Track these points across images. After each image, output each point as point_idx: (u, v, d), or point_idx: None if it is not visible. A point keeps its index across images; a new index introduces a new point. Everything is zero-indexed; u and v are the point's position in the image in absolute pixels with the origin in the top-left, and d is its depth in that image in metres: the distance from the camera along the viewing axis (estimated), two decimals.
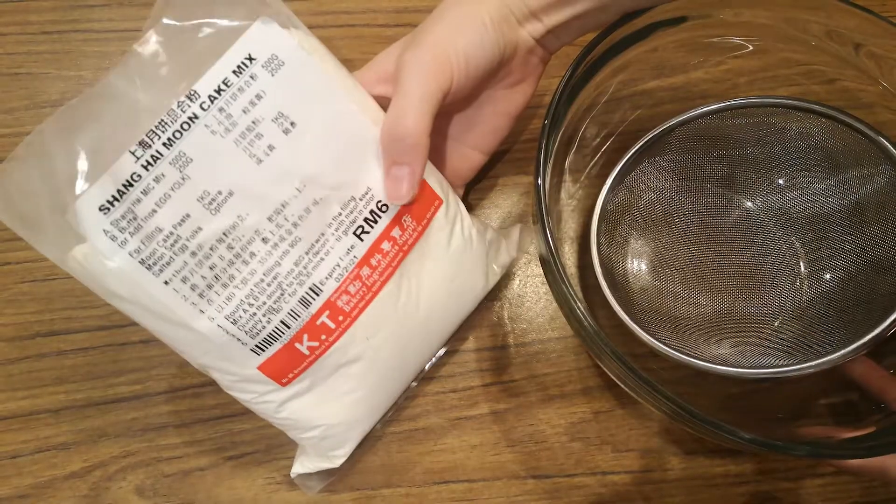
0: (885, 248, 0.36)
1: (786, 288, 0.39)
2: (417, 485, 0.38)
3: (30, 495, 0.37)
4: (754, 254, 0.40)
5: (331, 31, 0.33)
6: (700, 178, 0.40)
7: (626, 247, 0.40)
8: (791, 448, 0.28)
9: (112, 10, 0.45)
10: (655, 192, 0.40)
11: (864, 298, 0.36)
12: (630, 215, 0.40)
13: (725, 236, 0.40)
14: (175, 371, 0.39)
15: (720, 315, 0.39)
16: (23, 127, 0.42)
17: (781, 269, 0.39)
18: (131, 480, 0.37)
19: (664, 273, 0.39)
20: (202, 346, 0.29)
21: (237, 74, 0.27)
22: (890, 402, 0.33)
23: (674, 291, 0.39)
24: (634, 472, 0.38)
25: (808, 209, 0.39)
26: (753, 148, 0.39)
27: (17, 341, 0.39)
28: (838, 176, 0.38)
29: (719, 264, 0.40)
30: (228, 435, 0.38)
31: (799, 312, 0.38)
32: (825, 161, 0.38)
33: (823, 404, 0.36)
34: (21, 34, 0.44)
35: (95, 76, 0.43)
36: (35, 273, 0.40)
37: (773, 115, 0.37)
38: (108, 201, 0.26)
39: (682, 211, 0.40)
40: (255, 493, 0.37)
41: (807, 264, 0.39)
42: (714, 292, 0.39)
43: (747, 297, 0.39)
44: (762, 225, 0.40)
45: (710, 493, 0.38)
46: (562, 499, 0.38)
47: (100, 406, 0.38)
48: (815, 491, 0.38)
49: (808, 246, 0.39)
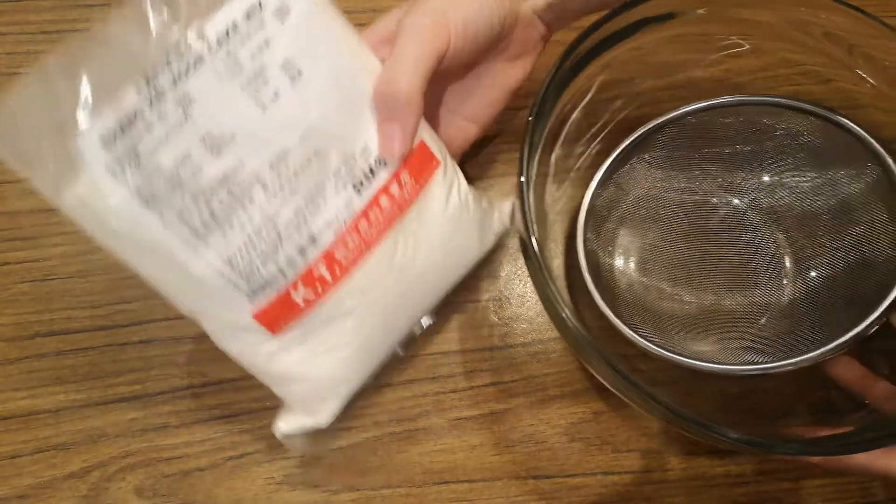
0: (869, 247, 0.36)
1: (771, 285, 0.39)
2: (417, 485, 0.38)
3: (29, 495, 0.37)
4: (741, 251, 0.40)
5: None
6: (689, 176, 0.40)
7: (613, 245, 0.40)
8: (776, 446, 0.28)
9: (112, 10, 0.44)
10: (644, 190, 0.40)
11: (847, 296, 0.36)
12: (618, 213, 0.40)
13: (713, 234, 0.40)
14: (175, 371, 0.39)
15: (708, 313, 0.39)
16: None
17: (767, 266, 0.39)
18: (131, 481, 0.37)
19: (652, 271, 0.40)
20: (198, 290, 0.29)
21: (246, 19, 0.27)
22: (871, 400, 0.33)
23: (661, 289, 0.39)
24: (634, 472, 0.38)
25: (796, 208, 0.39)
26: (743, 146, 0.39)
27: (16, 341, 0.39)
28: (826, 175, 0.38)
29: (707, 262, 0.40)
30: (228, 435, 0.38)
31: (784, 310, 0.38)
32: (813, 160, 0.38)
33: (806, 403, 0.36)
34: (20, 34, 0.44)
35: None
36: (34, 273, 0.40)
37: (763, 114, 0.38)
38: (110, 136, 0.26)
39: (671, 209, 0.40)
40: (255, 493, 0.37)
41: (792, 262, 0.39)
42: (702, 290, 0.39)
43: (734, 295, 0.39)
44: (750, 223, 0.40)
45: (710, 493, 0.38)
46: (562, 499, 0.38)
47: (99, 406, 0.38)
48: (815, 491, 0.38)
49: (795, 244, 0.39)
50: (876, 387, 0.34)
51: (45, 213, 0.41)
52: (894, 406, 0.32)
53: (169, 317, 0.39)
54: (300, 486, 0.37)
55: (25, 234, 0.40)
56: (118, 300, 0.39)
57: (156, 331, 0.39)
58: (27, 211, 0.41)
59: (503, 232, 0.39)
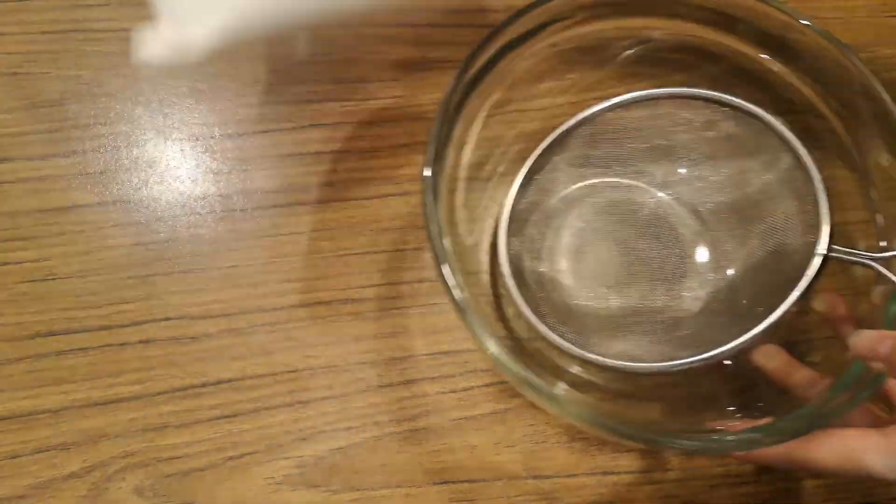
0: (785, 235, 0.36)
1: (693, 279, 0.39)
2: (417, 485, 0.38)
3: (29, 496, 0.37)
4: (662, 246, 0.40)
5: (331, 31, 0.33)
6: (608, 173, 0.40)
7: (537, 248, 0.40)
8: (666, 442, 0.28)
9: (112, 9, 0.45)
10: (565, 190, 0.40)
11: (766, 285, 0.36)
12: (541, 215, 0.40)
13: (635, 231, 0.40)
14: (175, 371, 0.39)
15: (632, 311, 0.39)
16: (22, 127, 0.42)
17: (688, 260, 0.40)
18: (131, 481, 0.37)
19: (576, 272, 0.40)
20: None
21: None
22: (793, 388, 0.33)
23: (586, 291, 0.39)
24: (634, 472, 0.38)
25: (714, 199, 0.39)
26: (660, 140, 0.39)
27: (16, 341, 0.39)
28: (742, 165, 0.38)
29: (629, 260, 0.40)
30: (228, 435, 0.38)
31: (706, 303, 0.38)
32: (729, 151, 0.38)
33: (734, 396, 0.36)
34: (21, 34, 0.44)
35: (95, 76, 0.43)
36: (34, 273, 0.40)
37: (678, 107, 0.38)
38: None
39: (592, 208, 0.41)
40: (255, 493, 0.37)
41: (713, 254, 0.39)
42: (626, 288, 0.39)
43: (657, 291, 0.39)
44: (669, 217, 0.40)
45: (710, 493, 0.38)
46: (562, 499, 0.38)
47: (99, 406, 0.38)
48: (816, 491, 0.38)
49: (714, 236, 0.39)
50: (797, 374, 0.34)
51: (45, 213, 0.41)
52: (814, 393, 0.31)
53: (169, 317, 0.39)
54: (300, 486, 0.37)
55: (25, 234, 0.40)
56: (118, 300, 0.39)
57: (156, 331, 0.39)
58: (27, 211, 0.41)
59: None
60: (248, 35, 0.31)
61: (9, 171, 0.41)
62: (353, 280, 0.40)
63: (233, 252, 0.41)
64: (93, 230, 0.41)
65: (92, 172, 0.42)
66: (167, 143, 0.43)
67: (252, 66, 0.44)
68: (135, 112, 0.43)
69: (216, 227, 0.41)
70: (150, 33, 0.31)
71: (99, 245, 0.40)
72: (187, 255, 0.41)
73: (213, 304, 0.40)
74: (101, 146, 0.42)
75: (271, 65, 0.45)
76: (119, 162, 0.42)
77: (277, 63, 0.45)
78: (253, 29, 0.30)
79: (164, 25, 0.30)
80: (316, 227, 0.40)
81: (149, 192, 0.42)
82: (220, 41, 0.29)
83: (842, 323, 0.34)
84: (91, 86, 0.43)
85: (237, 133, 0.43)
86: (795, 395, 0.33)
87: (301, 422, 0.38)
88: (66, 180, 0.41)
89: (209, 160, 0.43)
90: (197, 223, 0.41)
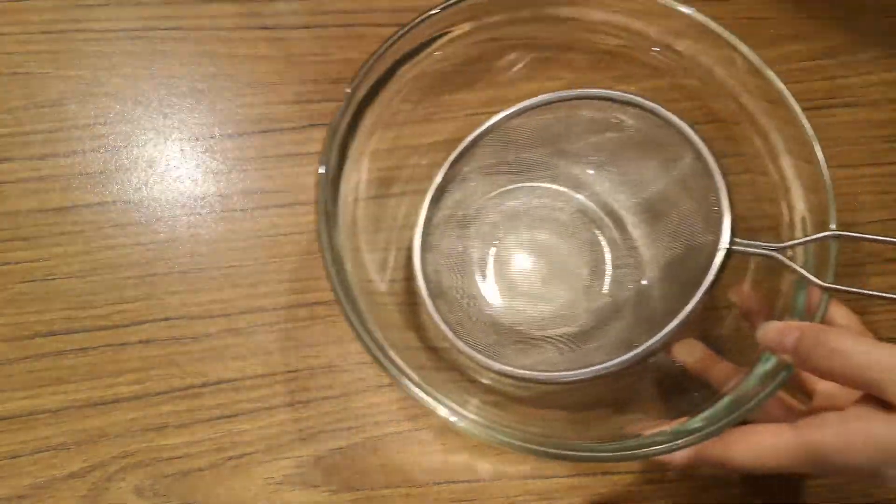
0: (692, 232, 0.35)
1: (607, 282, 0.39)
2: (417, 485, 0.38)
3: (29, 496, 0.37)
4: (577, 250, 0.40)
5: (331, 31, 0.33)
6: (519, 179, 0.41)
7: (452, 261, 0.39)
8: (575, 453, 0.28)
9: (112, 9, 0.45)
10: (477, 199, 0.40)
11: (678, 282, 0.36)
12: (454, 226, 0.40)
13: (550, 235, 0.41)
14: (175, 371, 0.39)
15: (550, 319, 0.39)
16: (22, 127, 0.42)
17: (602, 263, 0.40)
18: (131, 481, 0.37)
19: (492, 282, 0.40)
20: None
21: None
22: (713, 382, 0.33)
23: (502, 300, 0.39)
24: (634, 472, 0.38)
25: (624, 200, 0.40)
26: (566, 143, 0.39)
27: (16, 341, 0.39)
28: (647, 164, 0.38)
29: (546, 266, 0.40)
30: (228, 435, 0.38)
31: (620, 305, 0.38)
32: (634, 149, 0.38)
33: (657, 397, 0.36)
34: (21, 34, 0.44)
35: (95, 76, 0.43)
36: (34, 273, 0.40)
37: (581, 108, 0.38)
38: None
39: (506, 216, 0.41)
40: (255, 493, 0.37)
41: (625, 255, 0.40)
42: (543, 295, 0.39)
43: (573, 296, 0.39)
44: (583, 219, 0.41)
45: (710, 493, 0.38)
46: (562, 499, 0.38)
47: (99, 406, 0.38)
48: (816, 491, 0.38)
49: (626, 236, 0.40)
50: (716, 367, 0.33)
51: (45, 213, 0.41)
52: (732, 387, 0.31)
53: (169, 317, 0.39)
54: (300, 486, 0.37)
55: (25, 234, 0.40)
56: (118, 300, 0.39)
57: (156, 331, 0.39)
58: (27, 211, 0.41)
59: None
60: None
61: (9, 171, 0.41)
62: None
63: (233, 252, 0.41)
64: (93, 230, 0.41)
65: (92, 172, 0.42)
66: (167, 143, 0.43)
67: (252, 66, 0.45)
68: (135, 112, 0.43)
69: (216, 227, 0.41)
70: None
71: (99, 245, 0.40)
72: (187, 255, 0.41)
73: (213, 304, 0.40)
74: (101, 146, 0.42)
75: (271, 65, 0.45)
76: (119, 162, 0.42)
77: (277, 63, 0.45)
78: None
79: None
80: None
81: (148, 192, 0.42)
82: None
83: (756, 316, 0.34)
84: (91, 86, 0.43)
85: (237, 133, 0.43)
86: (716, 389, 0.32)
87: (301, 422, 0.38)
88: (65, 180, 0.41)
89: (209, 160, 0.43)
90: (197, 223, 0.41)
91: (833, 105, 0.46)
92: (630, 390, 0.36)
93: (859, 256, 0.43)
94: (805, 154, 0.33)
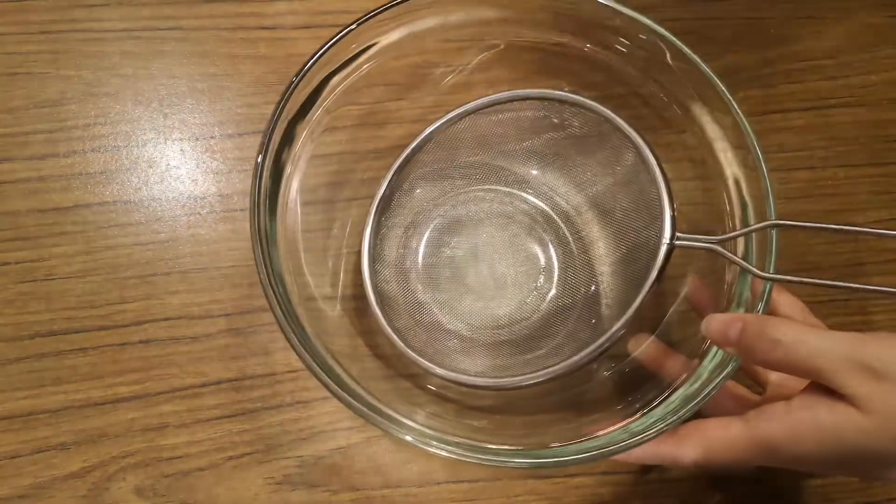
0: (637, 228, 0.35)
1: (556, 283, 0.39)
2: (417, 485, 0.38)
3: (29, 496, 0.37)
4: (527, 252, 0.40)
5: (331, 31, 0.33)
6: (466, 184, 0.41)
7: (402, 269, 0.39)
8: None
9: (112, 9, 0.45)
10: (425, 205, 0.40)
11: (626, 278, 0.36)
12: (401, 233, 0.40)
13: (499, 237, 0.40)
14: (175, 371, 0.39)
15: (503, 322, 0.39)
16: (22, 126, 0.42)
17: (551, 263, 0.40)
18: (131, 481, 0.37)
19: (442, 289, 0.40)
20: None
21: None
22: (667, 377, 0.32)
23: (452, 306, 0.39)
24: (634, 472, 0.38)
25: (570, 199, 0.40)
26: (510, 145, 0.39)
27: (16, 341, 0.39)
28: (589, 161, 0.38)
29: (496, 269, 0.40)
30: (228, 435, 0.38)
31: (567, 305, 0.38)
32: (577, 148, 0.38)
33: (611, 397, 0.36)
34: (20, 34, 0.44)
35: (95, 76, 0.43)
36: (34, 273, 0.40)
37: (522, 109, 0.37)
38: None
39: (453, 219, 0.40)
40: (254, 493, 0.37)
41: (574, 254, 0.40)
42: (493, 299, 0.39)
43: (523, 299, 0.39)
44: (532, 220, 0.41)
45: (710, 493, 0.38)
46: (562, 499, 0.38)
47: (99, 406, 0.38)
48: (816, 491, 0.38)
49: (575, 235, 0.40)
50: (669, 361, 0.33)
51: (45, 213, 0.41)
52: (683, 381, 0.31)
53: (169, 317, 0.39)
54: (300, 486, 0.37)
55: (25, 234, 0.40)
56: (118, 300, 0.39)
57: (156, 331, 0.39)
58: (27, 211, 0.41)
59: None
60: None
61: (9, 171, 0.41)
62: (355, 278, 0.40)
63: (233, 252, 0.41)
64: (93, 230, 0.41)
65: (92, 172, 0.42)
66: (167, 143, 0.43)
67: (252, 66, 0.45)
68: (135, 112, 0.43)
69: (216, 227, 0.41)
70: None
71: (99, 245, 0.40)
72: (187, 255, 0.41)
73: (213, 304, 0.40)
74: (101, 146, 0.42)
75: (271, 65, 0.45)
76: (119, 162, 0.42)
77: (277, 63, 0.45)
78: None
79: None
80: (315, 226, 0.39)
81: (149, 192, 0.42)
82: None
83: (705, 308, 0.33)
84: (91, 86, 0.43)
85: (237, 133, 0.43)
86: (669, 383, 0.32)
87: (301, 422, 0.38)
88: (66, 180, 0.41)
89: (209, 160, 0.43)
90: (197, 223, 0.41)
91: (833, 105, 0.46)
92: (584, 391, 0.36)
93: (860, 255, 0.43)
94: (742, 143, 0.32)
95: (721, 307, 0.32)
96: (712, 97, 0.33)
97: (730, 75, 0.46)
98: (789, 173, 0.44)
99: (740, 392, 0.33)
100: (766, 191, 0.31)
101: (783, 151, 0.45)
